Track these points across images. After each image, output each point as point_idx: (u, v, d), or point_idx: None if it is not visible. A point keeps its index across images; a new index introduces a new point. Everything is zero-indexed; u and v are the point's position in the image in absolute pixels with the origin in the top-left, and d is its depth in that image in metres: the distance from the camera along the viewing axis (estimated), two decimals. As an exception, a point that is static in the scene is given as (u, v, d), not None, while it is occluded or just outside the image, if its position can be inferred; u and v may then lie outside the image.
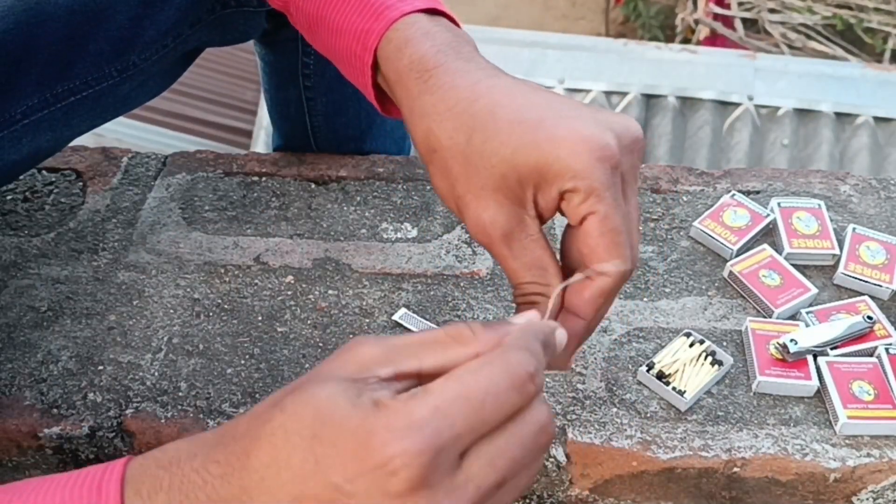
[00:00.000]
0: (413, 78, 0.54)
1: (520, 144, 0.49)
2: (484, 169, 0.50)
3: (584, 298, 0.51)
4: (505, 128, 0.50)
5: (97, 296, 0.85)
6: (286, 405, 0.41)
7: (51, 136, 0.80)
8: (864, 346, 0.81)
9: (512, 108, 0.51)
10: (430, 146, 0.53)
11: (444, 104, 0.52)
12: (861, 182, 0.98)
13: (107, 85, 0.79)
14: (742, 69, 2.71)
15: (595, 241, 0.50)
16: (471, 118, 0.51)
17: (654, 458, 0.74)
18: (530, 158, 0.49)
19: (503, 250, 0.51)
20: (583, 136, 0.49)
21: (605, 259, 0.50)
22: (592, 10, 5.07)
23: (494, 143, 0.50)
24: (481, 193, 0.50)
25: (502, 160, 0.50)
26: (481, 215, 0.51)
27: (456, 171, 0.51)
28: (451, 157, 0.52)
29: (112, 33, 0.77)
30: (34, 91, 0.75)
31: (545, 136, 0.49)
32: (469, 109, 0.52)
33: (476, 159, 0.50)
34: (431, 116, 0.53)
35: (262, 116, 2.52)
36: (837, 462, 0.74)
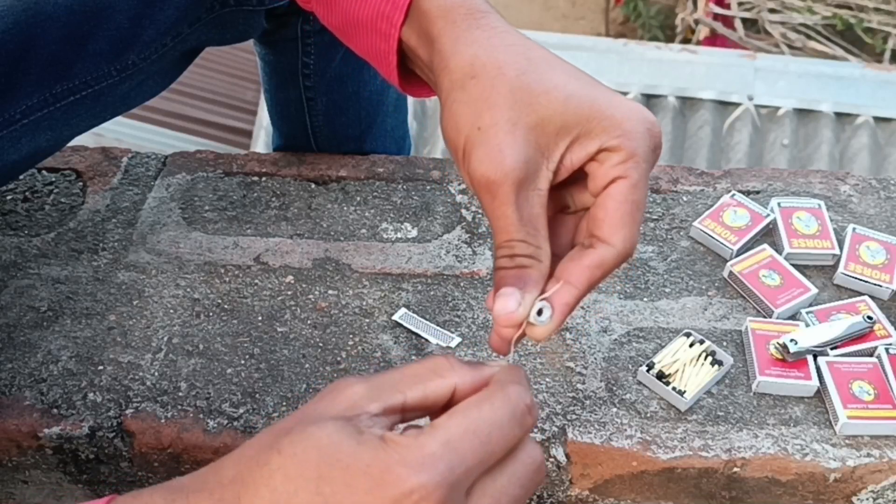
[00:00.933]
0: (462, 14, 0.51)
1: (576, 93, 0.48)
2: (527, 105, 0.48)
3: (582, 265, 0.49)
4: (562, 77, 0.49)
5: (97, 296, 0.85)
6: (283, 447, 0.40)
7: (50, 135, 0.80)
8: (864, 346, 0.81)
9: (566, 66, 0.50)
10: (472, 72, 0.49)
11: (500, 39, 0.50)
12: (861, 182, 0.98)
13: (106, 84, 0.79)
14: (742, 69, 2.71)
15: (615, 208, 0.48)
16: (526, 60, 0.49)
17: (654, 458, 0.74)
18: (583, 107, 0.48)
19: (508, 195, 0.47)
20: (637, 108, 0.49)
21: (618, 228, 0.48)
22: (592, 10, 5.07)
23: (549, 85, 0.48)
24: (513, 129, 0.47)
25: (553, 100, 0.48)
26: (504, 150, 0.47)
27: (493, 100, 0.48)
28: (494, 85, 0.48)
29: (111, 33, 0.77)
30: (34, 91, 0.75)
31: (603, 94, 0.48)
32: (526, 53, 0.49)
33: (521, 94, 0.48)
34: (482, 45, 0.50)
35: (262, 116, 2.51)
36: (837, 462, 0.74)
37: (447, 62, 0.50)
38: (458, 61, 0.50)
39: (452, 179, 0.96)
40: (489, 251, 0.89)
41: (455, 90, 0.49)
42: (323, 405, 0.43)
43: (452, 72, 0.50)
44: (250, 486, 0.40)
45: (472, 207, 0.94)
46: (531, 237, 0.48)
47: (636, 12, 4.67)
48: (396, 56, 0.57)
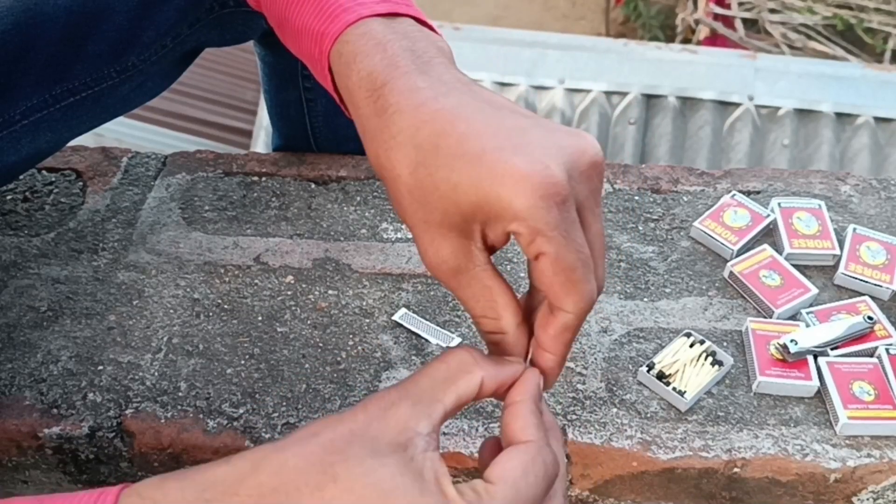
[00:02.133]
0: (363, 97, 0.52)
1: (460, 181, 0.47)
2: (428, 203, 0.48)
3: (549, 335, 0.50)
4: (446, 162, 0.47)
5: (97, 296, 0.85)
6: (340, 476, 0.40)
7: (50, 136, 0.80)
8: (865, 346, 0.81)
9: (454, 137, 0.48)
10: (380, 171, 0.51)
11: (389, 131, 0.50)
12: (861, 182, 0.98)
13: (106, 86, 0.79)
14: (742, 69, 2.71)
15: (550, 281, 0.48)
16: (413, 150, 0.49)
17: (654, 459, 0.74)
18: (471, 197, 0.47)
19: (452, 283, 0.50)
20: (524, 174, 0.45)
21: (563, 297, 0.48)
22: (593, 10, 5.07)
23: (436, 179, 0.48)
24: (427, 227, 0.49)
25: (444, 196, 0.47)
26: (427, 249, 0.49)
27: (403, 202, 0.49)
28: (397, 186, 0.49)
29: (111, 34, 0.77)
30: (33, 92, 0.75)
31: (486, 172, 0.46)
32: (413, 140, 0.49)
33: (419, 193, 0.48)
34: (378, 141, 0.51)
35: (262, 116, 2.52)
36: (838, 462, 0.74)
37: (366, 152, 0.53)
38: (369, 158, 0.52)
39: (452, 179, 0.96)
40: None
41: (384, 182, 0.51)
42: (376, 427, 0.42)
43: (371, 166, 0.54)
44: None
45: (473, 207, 0.94)
46: (489, 311, 0.50)
47: (636, 12, 4.67)
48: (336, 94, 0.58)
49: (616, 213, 0.94)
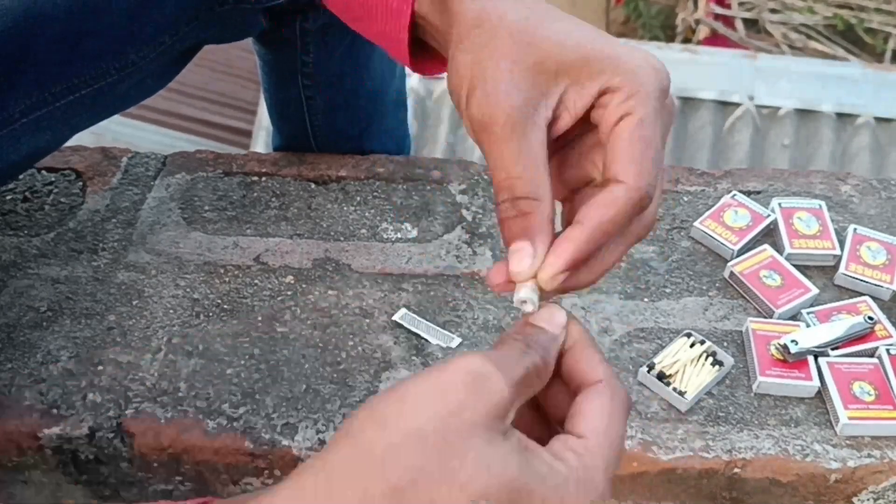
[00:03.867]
0: None
1: (576, 36, 0.46)
2: (526, 46, 0.46)
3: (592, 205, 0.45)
4: (566, 24, 0.47)
5: (97, 296, 0.84)
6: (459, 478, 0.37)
7: (50, 135, 0.80)
8: (865, 346, 0.80)
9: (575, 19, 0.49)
10: (477, 22, 0.48)
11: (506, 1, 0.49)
12: (862, 182, 0.97)
13: (105, 83, 0.79)
14: (743, 69, 2.71)
15: (624, 144, 0.44)
16: (531, 9, 0.48)
17: (654, 459, 0.74)
18: (583, 48, 0.46)
19: (505, 132, 0.45)
20: (643, 52, 0.47)
21: (627, 164, 0.44)
22: (593, 10, 5.07)
23: (550, 30, 0.47)
24: (511, 68, 0.46)
25: (553, 43, 0.46)
26: (500, 88, 0.45)
27: (494, 44, 0.46)
28: (496, 31, 0.47)
29: (109, 31, 0.77)
30: (33, 89, 0.75)
31: (605, 39, 0.47)
32: (533, 5, 0.48)
33: (522, 37, 0.46)
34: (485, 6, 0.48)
35: (262, 116, 2.51)
36: (838, 463, 0.74)
37: (456, 18, 0.50)
38: (466, 15, 0.49)
39: (452, 179, 0.96)
40: (489, 251, 0.89)
41: (460, 42, 0.48)
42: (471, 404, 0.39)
43: (459, 25, 0.49)
44: None
45: (473, 207, 0.94)
46: (528, 172, 0.45)
47: (637, 12, 4.66)
48: (409, 32, 0.56)
49: (616, 214, 0.93)
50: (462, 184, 0.96)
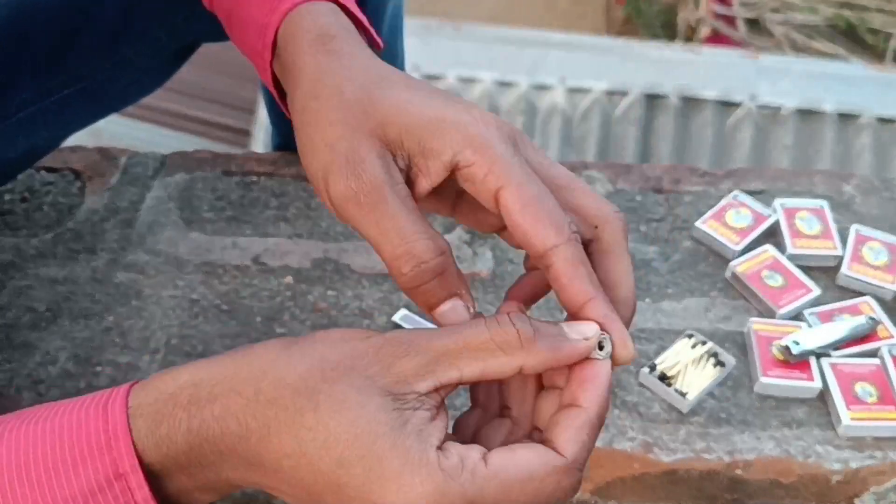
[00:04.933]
0: (310, 40, 0.50)
1: (413, 99, 0.45)
2: (364, 113, 0.45)
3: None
4: (402, 87, 0.46)
5: (95, 296, 0.84)
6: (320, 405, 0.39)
7: (46, 132, 0.80)
8: (867, 347, 0.80)
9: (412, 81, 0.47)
10: (314, 93, 0.47)
11: (344, 62, 0.48)
12: (864, 182, 0.97)
13: (101, 79, 0.79)
14: (744, 69, 2.70)
15: (520, 219, 0.42)
16: (366, 77, 0.47)
17: (655, 461, 0.73)
18: (418, 113, 0.44)
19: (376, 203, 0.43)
20: (477, 112, 0.44)
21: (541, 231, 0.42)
22: (594, 9, 5.07)
23: (386, 94, 0.45)
24: (355, 137, 0.44)
25: (389, 106, 0.44)
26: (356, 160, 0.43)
27: (333, 116, 0.45)
28: (332, 103, 0.46)
29: (102, 25, 0.77)
30: (28, 84, 0.75)
31: (444, 102, 0.45)
32: (367, 72, 0.47)
33: (359, 106, 0.45)
34: (324, 70, 0.48)
35: (261, 115, 2.51)
36: (840, 464, 0.73)
37: (294, 88, 0.49)
38: (303, 86, 0.48)
39: (453, 179, 0.96)
40: (490, 252, 0.89)
41: (299, 114, 0.48)
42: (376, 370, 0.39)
43: (297, 99, 0.48)
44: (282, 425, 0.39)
45: (473, 207, 0.93)
46: (420, 232, 0.43)
47: (638, 11, 4.66)
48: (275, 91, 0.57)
49: (617, 213, 0.93)
50: (462, 183, 0.96)
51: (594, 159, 2.50)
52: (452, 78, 2.57)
